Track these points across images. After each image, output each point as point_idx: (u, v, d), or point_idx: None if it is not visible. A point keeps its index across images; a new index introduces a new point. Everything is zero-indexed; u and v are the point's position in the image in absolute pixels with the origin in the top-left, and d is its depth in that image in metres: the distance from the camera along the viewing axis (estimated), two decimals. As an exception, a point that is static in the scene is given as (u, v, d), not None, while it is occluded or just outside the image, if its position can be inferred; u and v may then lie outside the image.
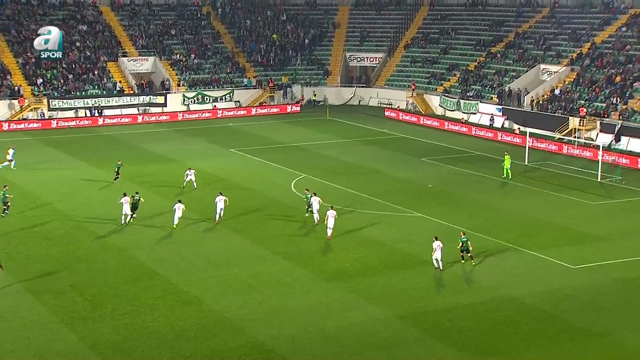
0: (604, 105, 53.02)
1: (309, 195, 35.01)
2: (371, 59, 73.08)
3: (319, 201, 34.33)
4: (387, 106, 66.85)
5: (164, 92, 64.41)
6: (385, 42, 73.57)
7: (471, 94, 61.96)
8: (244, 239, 32.27)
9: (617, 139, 49.87)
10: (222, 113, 64.23)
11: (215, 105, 65.45)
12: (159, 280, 27.67)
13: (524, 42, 64.95)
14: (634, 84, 53.40)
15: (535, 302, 25.75)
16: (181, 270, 28.69)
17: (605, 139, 50.01)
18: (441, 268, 28.50)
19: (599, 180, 41.99)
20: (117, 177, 40.74)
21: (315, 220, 33.80)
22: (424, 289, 27.10)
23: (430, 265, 29.09)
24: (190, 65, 68.03)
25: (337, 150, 50.28)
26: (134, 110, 62.62)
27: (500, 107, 58.94)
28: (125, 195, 34.15)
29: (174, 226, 33.36)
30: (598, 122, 51.76)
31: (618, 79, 54.69)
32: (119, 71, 65.53)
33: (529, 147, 47.55)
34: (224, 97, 66.26)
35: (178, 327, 24.07)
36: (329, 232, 32.08)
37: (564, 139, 51.27)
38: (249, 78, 68.54)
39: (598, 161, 43.11)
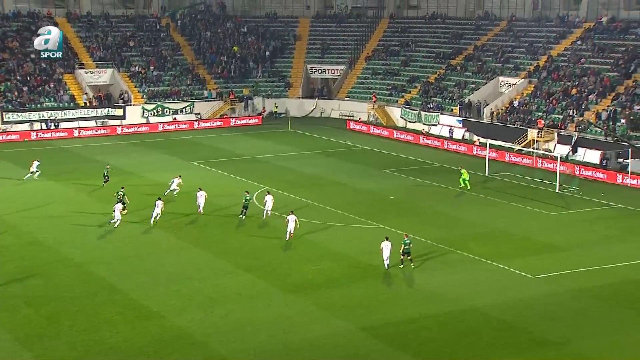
0: (561, 117, 54.28)
1: (248, 198, 36.70)
2: (332, 71, 73.51)
3: (272, 199, 36.46)
4: (349, 118, 67.28)
5: (123, 104, 63.76)
6: (346, 54, 74.14)
7: (432, 106, 62.80)
8: (206, 252, 32.11)
9: (574, 150, 51.06)
10: (182, 125, 63.96)
11: (175, 118, 65.04)
12: (118, 296, 27.29)
13: (482, 54, 66.16)
14: (589, 97, 54.80)
15: (496, 312, 26.13)
16: (141, 285, 28.35)
17: (562, 150, 51.15)
18: (387, 267, 29.56)
19: (557, 191, 42.89)
20: (107, 181, 41.94)
21: (264, 216, 35.99)
22: (387, 301, 27.26)
23: (393, 276, 29.31)
24: (149, 77, 67.52)
25: (298, 162, 50.38)
26: (91, 123, 61.82)
27: (461, 118, 59.86)
28: (118, 202, 35.97)
29: (151, 224, 35.19)
30: (555, 134, 52.93)
31: (574, 91, 56.07)
32: (75, 83, 64.66)
33: (488, 158, 48.34)
34: (184, 110, 65.89)
35: (138, 343, 23.76)
36: (287, 236, 33.30)
37: (522, 150, 52.27)
38: (210, 90, 68.33)
39: (556, 172, 44.05)
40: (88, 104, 62.53)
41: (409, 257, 30.07)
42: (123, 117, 63.13)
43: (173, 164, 48.73)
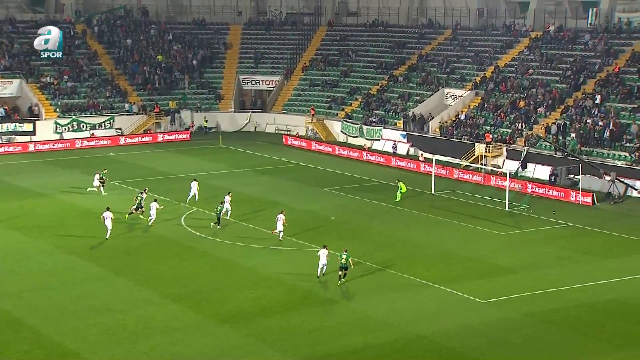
0: (510, 131, 55.85)
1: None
2: (267, 82, 73.74)
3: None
4: (286, 132, 67.51)
5: (33, 118, 62.27)
6: (282, 64, 74.54)
7: (374, 120, 63.67)
8: (128, 281, 31.67)
9: (524, 166, 52.55)
10: (102, 142, 62.95)
11: (92, 133, 63.94)
12: (26, 332, 26.53)
13: (427, 65, 67.59)
14: (538, 109, 56.61)
15: (444, 340, 26.54)
16: (54, 319, 27.65)
17: (511, 166, 52.56)
18: (320, 274, 31.52)
19: (507, 209, 44.02)
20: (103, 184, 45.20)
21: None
22: (329, 330, 27.35)
23: (335, 303, 29.47)
24: (63, 89, 66.24)
25: (231, 180, 50.20)
26: (-4, 139, 60.31)
27: (405, 133, 60.87)
28: (107, 209, 37.37)
29: (150, 224, 38.71)
30: (504, 149, 54.38)
31: (522, 103, 57.83)
32: (-23, 95, 62.99)
33: (435, 175, 49.25)
34: (102, 124, 64.90)
35: (52, 384, 23.15)
36: (280, 235, 36.88)
37: (470, 166, 53.47)
38: (132, 103, 67.54)
39: (506, 189, 45.22)
40: (-8, 119, 61.00)
41: (340, 273, 31.17)
42: (33, 132, 61.67)
43: (90, 185, 47.78)
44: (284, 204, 44.57)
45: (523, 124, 55.82)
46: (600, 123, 51.66)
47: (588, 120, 52.42)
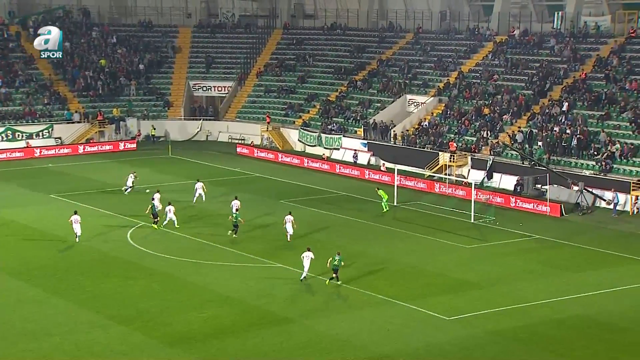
0: (474, 139, 56.51)
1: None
2: (219, 89, 73.48)
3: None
4: (239, 142, 67.28)
5: (-39, 127, 61.37)
6: (235, 70, 74.36)
7: (333, 128, 63.86)
8: (68, 302, 31.20)
9: (489, 176, 53.18)
10: (39, 152, 61.92)
11: (29, 143, 62.88)
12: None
13: (388, 70, 68.11)
14: (504, 117, 57.43)
15: None
16: (-12, 345, 27.02)
17: (477, 176, 53.16)
18: (302, 279, 33.24)
19: (472, 221, 44.48)
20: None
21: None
22: (286, 351, 27.23)
23: (293, 322, 29.38)
24: (-5, 96, 65.14)
25: (181, 193, 49.82)
26: None
27: (365, 141, 61.17)
28: (75, 213, 38.44)
29: (176, 225, 40.97)
30: (469, 158, 55.00)
31: (487, 110, 58.63)
32: None
33: (397, 186, 49.53)
34: (40, 133, 63.96)
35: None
36: (289, 237, 39.07)
37: (434, 176, 53.94)
38: (72, 110, 66.65)
39: (471, 200, 45.69)
40: None
41: (334, 275, 32.99)
42: (-39, 142, 60.71)
43: (27, 198, 46.99)
44: (237, 218, 44.35)
45: (488, 131, 56.54)
46: (568, 131, 52.61)
47: (555, 128, 53.33)
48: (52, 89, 68.15)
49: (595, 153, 50.51)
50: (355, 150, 60.79)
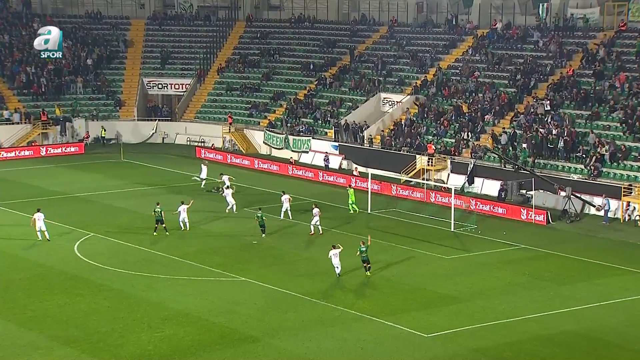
0: (454, 141, 56.79)
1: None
2: (176, 86, 73.17)
3: (289, 199, 45.16)
4: (199, 144, 66.97)
5: None
6: (194, 65, 74.10)
7: (301, 129, 63.80)
8: (8, 322, 30.83)
9: (471, 181, 53.48)
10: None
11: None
12: None
13: (360, 66, 68.28)
14: (485, 117, 57.80)
15: (384, 380, 26.66)
16: None
17: (457, 180, 53.42)
18: (338, 275, 35.37)
19: (452, 229, 44.65)
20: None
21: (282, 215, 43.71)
22: (250, 374, 27.13)
23: (257, 341, 29.27)
24: None
25: (134, 201, 49.50)
26: None
27: (337, 144, 61.20)
28: (38, 210, 40.36)
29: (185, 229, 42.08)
30: (449, 161, 55.27)
31: (466, 108, 58.96)
32: None
33: (371, 192, 49.60)
34: (-24, 135, 63.27)
35: None
36: (320, 229, 41.98)
37: (411, 181, 54.10)
38: (12, 110, 65.83)
39: (451, 207, 45.88)
40: None
41: (365, 265, 35.62)
42: None
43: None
44: (198, 226, 44.15)
45: (469, 133, 56.86)
46: (554, 132, 53.08)
47: (540, 129, 53.76)
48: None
49: (584, 156, 51.01)
50: (326, 153, 60.80)
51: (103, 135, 67.86)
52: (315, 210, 42.67)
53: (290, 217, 45.29)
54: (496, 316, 32.07)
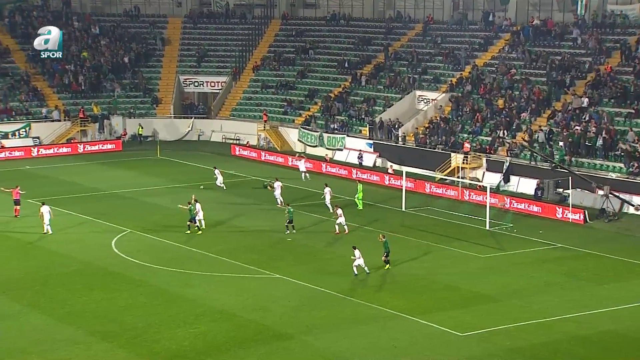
0: (490, 139, 56.42)
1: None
2: (212, 84, 73.51)
3: (331, 192, 46.60)
4: (234, 142, 67.24)
5: None
6: (229, 63, 74.39)
7: (336, 127, 63.78)
8: (47, 317, 31.13)
9: (506, 179, 53.10)
10: (15, 153, 62.15)
11: (2, 143, 62.93)
12: None
13: (395, 64, 68.06)
14: (522, 115, 57.32)
15: (418, 379, 26.57)
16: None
17: (492, 179, 53.06)
18: (367, 271, 35.46)
19: (487, 228, 44.35)
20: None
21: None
22: (284, 371, 27.18)
23: (291, 338, 29.27)
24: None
25: (171, 197, 49.81)
26: None
27: (371, 142, 61.10)
28: (44, 204, 41.22)
29: (199, 231, 41.78)
30: (484, 159, 54.91)
31: (502, 104, 58.49)
32: None
33: (405, 190, 49.45)
34: (17, 132, 64.04)
35: None
36: (337, 228, 41.99)
37: (446, 179, 53.85)
38: (52, 107, 66.64)
39: (486, 206, 45.58)
40: None
41: (386, 257, 36.37)
42: None
43: (1, 203, 46.98)
44: (232, 223, 44.37)
45: (505, 131, 56.44)
46: (592, 130, 52.49)
47: (578, 127, 53.20)
48: (30, 84, 68.17)
49: (622, 154, 50.35)
50: (360, 151, 60.72)
51: (140, 133, 68.43)
52: (339, 211, 42.32)
53: (331, 209, 45.41)
54: (532, 315, 31.79)
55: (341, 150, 62.42)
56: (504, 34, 66.14)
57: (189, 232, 42.13)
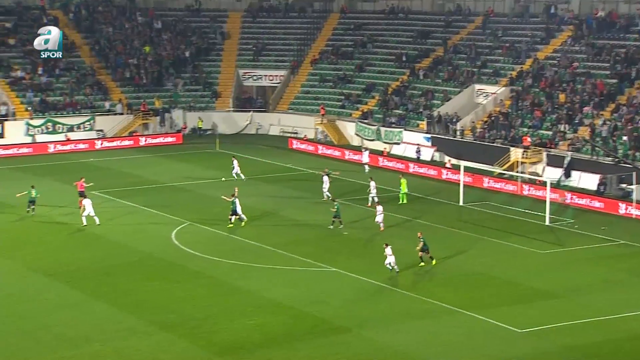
0: (551, 133, 55.67)
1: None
2: (270, 78, 73.84)
3: (375, 186, 46.25)
4: (292, 135, 67.53)
5: (0, 119, 62.45)
6: (288, 57, 74.66)
7: (393, 120, 63.61)
8: (110, 306, 31.67)
9: (567, 174, 52.37)
10: (80, 145, 63.20)
11: (68, 136, 64.14)
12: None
13: (454, 57, 67.54)
14: (584, 109, 56.41)
15: (475, 375, 26.46)
16: (21, 352, 27.60)
17: (553, 173, 52.37)
18: (397, 272, 34.93)
19: (547, 223, 43.81)
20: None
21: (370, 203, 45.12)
22: (340, 364, 27.26)
23: (348, 332, 29.37)
24: (36, 85, 66.52)
25: (228, 190, 49.98)
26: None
27: (429, 136, 60.79)
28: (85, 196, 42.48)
29: (230, 225, 41.68)
30: (544, 154, 54.22)
31: (564, 98, 57.63)
32: None
33: (463, 184, 49.13)
34: (82, 126, 65.21)
35: None
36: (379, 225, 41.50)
37: (504, 174, 53.33)
38: (115, 101, 67.75)
39: (546, 201, 45.04)
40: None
41: (428, 255, 35.98)
42: (1, 135, 62.06)
43: (67, 194, 47.95)
44: (289, 217, 44.62)
45: (566, 125, 55.66)
46: (657, 124, 51.44)
47: (642, 121, 52.22)
48: (94, 78, 69.36)
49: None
50: (418, 145, 60.47)
51: (200, 126, 69.14)
52: (379, 208, 42.10)
53: (369, 203, 45.45)
54: (593, 313, 31.34)
55: (398, 144, 62.24)
56: (566, 26, 65.10)
57: (231, 224, 42.13)
